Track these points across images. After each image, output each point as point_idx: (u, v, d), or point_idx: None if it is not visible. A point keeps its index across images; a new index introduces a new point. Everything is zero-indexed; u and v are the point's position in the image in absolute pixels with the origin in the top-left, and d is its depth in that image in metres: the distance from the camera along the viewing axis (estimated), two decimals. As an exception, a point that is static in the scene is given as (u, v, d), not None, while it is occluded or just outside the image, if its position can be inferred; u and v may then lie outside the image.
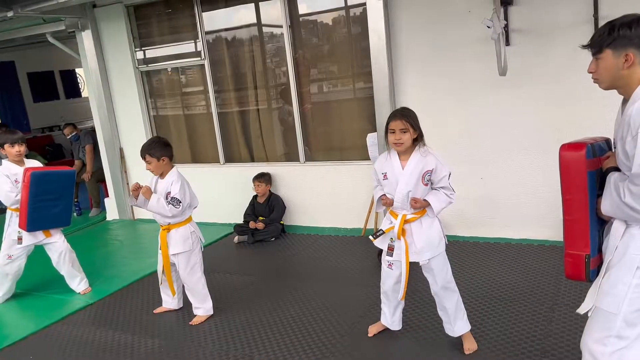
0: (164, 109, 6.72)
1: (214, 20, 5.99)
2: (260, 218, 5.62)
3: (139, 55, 6.47)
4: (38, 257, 4.62)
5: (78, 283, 4.56)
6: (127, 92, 6.59)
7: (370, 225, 5.33)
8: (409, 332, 3.35)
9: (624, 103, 1.97)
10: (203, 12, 5.91)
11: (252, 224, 5.54)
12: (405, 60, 4.90)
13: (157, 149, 3.66)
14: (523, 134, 4.56)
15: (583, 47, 2.03)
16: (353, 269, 4.52)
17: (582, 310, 2.08)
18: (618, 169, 1.97)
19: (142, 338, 3.69)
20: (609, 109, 2.06)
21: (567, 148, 2.04)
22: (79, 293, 4.54)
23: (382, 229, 3.02)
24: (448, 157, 3.17)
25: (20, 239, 4.29)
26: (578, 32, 4.11)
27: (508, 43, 4.37)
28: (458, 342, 3.08)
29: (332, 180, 5.58)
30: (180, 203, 3.64)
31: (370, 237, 3.09)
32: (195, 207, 3.87)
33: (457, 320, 3.01)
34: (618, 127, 1.97)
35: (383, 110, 4.97)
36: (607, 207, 1.96)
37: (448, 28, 4.64)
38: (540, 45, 4.34)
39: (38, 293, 4.70)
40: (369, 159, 5.20)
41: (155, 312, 4.06)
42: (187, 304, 3.99)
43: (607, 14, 3.93)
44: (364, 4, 4.93)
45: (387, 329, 3.30)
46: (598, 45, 1.95)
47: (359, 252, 4.88)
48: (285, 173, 5.86)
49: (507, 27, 4.35)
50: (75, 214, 7.23)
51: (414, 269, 3.06)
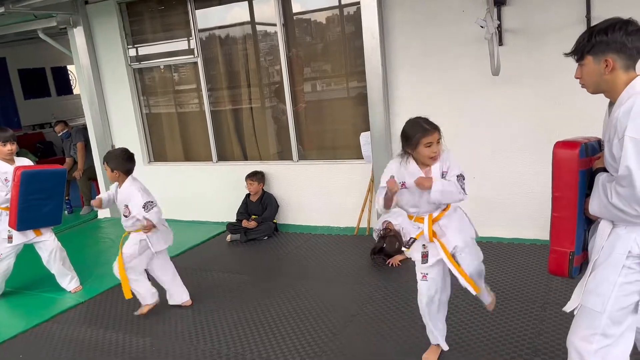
0: (157, 107, 6.69)
1: (208, 18, 5.96)
2: (253, 217, 5.60)
3: (132, 53, 6.43)
4: (28, 255, 4.58)
5: (69, 281, 4.54)
6: (119, 89, 6.55)
7: (363, 224, 5.33)
8: (402, 331, 3.36)
9: (611, 105, 2.00)
10: (196, 9, 5.89)
11: (244, 223, 5.52)
12: (399, 59, 4.90)
13: (112, 161, 3.74)
14: (516, 134, 4.58)
15: (566, 55, 2.06)
16: (346, 268, 4.52)
17: (568, 309, 2.11)
18: (606, 170, 1.99)
19: (133, 337, 3.67)
20: (602, 110, 2.08)
21: (561, 146, 2.05)
22: (70, 291, 4.52)
23: (412, 237, 2.85)
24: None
25: (11, 238, 4.26)
26: (571, 32, 4.07)
27: (501, 43, 4.39)
28: (453, 341, 3.09)
29: (325, 179, 5.58)
30: (153, 202, 3.69)
31: (403, 248, 3.01)
32: None
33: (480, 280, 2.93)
34: (605, 129, 1.99)
35: (376, 109, 4.97)
36: (594, 207, 1.99)
37: (442, 27, 4.65)
38: (533, 45, 4.35)
39: (28, 291, 4.66)
40: (362, 158, 5.21)
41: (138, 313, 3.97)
42: (195, 302, 4.05)
43: (599, 15, 3.95)
44: (358, 3, 4.92)
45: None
46: (579, 52, 1.98)
47: (352, 250, 4.89)
48: (279, 172, 5.84)
49: (500, 27, 4.36)
50: (67, 212, 7.18)
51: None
